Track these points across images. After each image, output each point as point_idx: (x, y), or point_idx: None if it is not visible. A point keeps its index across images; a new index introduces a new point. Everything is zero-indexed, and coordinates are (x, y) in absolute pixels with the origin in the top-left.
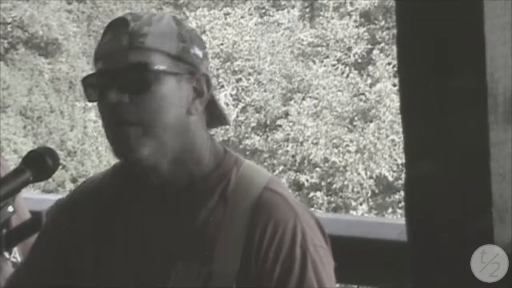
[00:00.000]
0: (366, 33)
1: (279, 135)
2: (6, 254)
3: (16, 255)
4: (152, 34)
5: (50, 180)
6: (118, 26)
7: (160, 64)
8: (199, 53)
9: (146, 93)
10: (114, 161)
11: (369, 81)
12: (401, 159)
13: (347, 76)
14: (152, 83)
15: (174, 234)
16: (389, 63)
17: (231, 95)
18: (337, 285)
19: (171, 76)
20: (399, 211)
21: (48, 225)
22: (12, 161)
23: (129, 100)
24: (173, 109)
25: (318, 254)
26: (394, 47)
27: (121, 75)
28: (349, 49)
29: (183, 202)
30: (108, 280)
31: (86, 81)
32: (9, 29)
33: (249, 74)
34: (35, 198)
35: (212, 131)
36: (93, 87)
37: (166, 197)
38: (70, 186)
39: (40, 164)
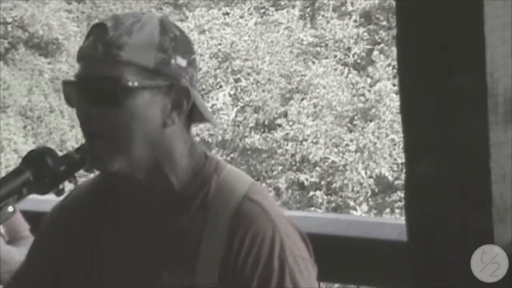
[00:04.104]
0: (366, 34)
1: (278, 134)
2: None
3: (0, 230)
4: (129, 46)
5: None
6: (98, 33)
7: (133, 79)
8: (182, 62)
9: (115, 108)
10: None
11: (368, 81)
12: (401, 159)
13: (347, 76)
14: (122, 98)
15: (159, 244)
16: (388, 64)
17: (230, 95)
18: (337, 285)
19: (144, 90)
20: (398, 211)
21: (43, 230)
22: (12, 161)
23: (97, 113)
24: (145, 124)
25: (297, 265)
26: (394, 48)
27: (92, 86)
28: (349, 49)
29: (165, 211)
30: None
31: (65, 85)
32: (9, 29)
33: (248, 74)
34: (35, 198)
35: (211, 131)
36: (69, 92)
37: (149, 206)
38: (70, 186)
39: (40, 164)
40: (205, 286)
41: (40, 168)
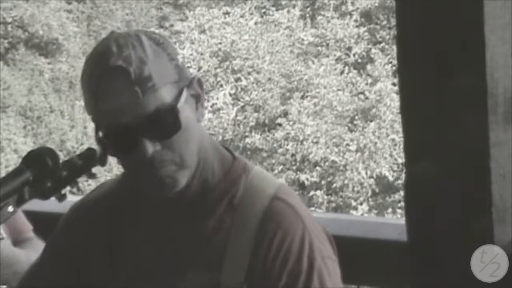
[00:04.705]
0: (366, 33)
1: (279, 134)
2: None
3: (0, 231)
4: (155, 74)
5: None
6: (116, 76)
7: (173, 98)
8: (180, 58)
9: (177, 131)
10: (113, 161)
11: (369, 80)
12: (401, 159)
13: (347, 76)
14: (181, 121)
15: (185, 243)
16: (389, 63)
17: (230, 95)
18: None
19: (182, 101)
20: (399, 211)
21: (61, 228)
22: (12, 161)
23: (161, 147)
24: (193, 129)
25: (325, 265)
26: (395, 47)
27: (146, 126)
28: (349, 48)
29: (193, 210)
30: (118, 287)
31: (104, 140)
32: (9, 29)
33: (248, 73)
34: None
35: (211, 131)
36: (115, 143)
37: (177, 206)
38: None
39: (40, 164)
40: (230, 285)
41: (40, 168)
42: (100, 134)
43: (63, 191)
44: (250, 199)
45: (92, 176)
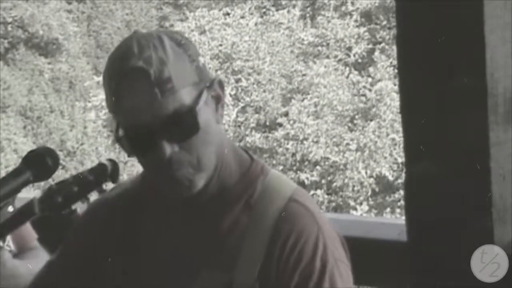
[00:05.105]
0: (366, 33)
1: (279, 133)
2: (0, 242)
3: (9, 243)
4: (174, 75)
5: (50, 180)
6: (136, 77)
7: (193, 99)
8: (202, 59)
9: (196, 133)
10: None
11: (369, 80)
12: (401, 158)
13: (348, 76)
14: (199, 123)
15: (200, 242)
16: (389, 63)
17: (231, 95)
18: None
19: (202, 103)
20: (398, 210)
21: (79, 224)
22: (12, 161)
23: (179, 148)
24: (212, 131)
25: (337, 268)
26: (395, 47)
27: (164, 127)
28: (350, 49)
29: (209, 210)
30: (133, 285)
31: (124, 140)
32: (9, 29)
33: (249, 74)
34: None
35: None
36: (133, 143)
37: (193, 206)
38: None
39: (40, 164)
40: (243, 283)
41: (40, 168)
42: (120, 133)
43: (73, 207)
44: (266, 200)
45: (103, 192)
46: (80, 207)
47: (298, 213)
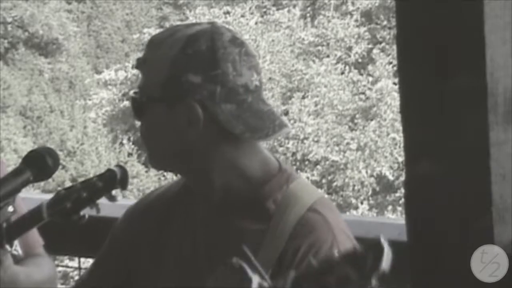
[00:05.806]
0: (367, 33)
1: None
2: (7, 247)
3: (17, 248)
4: (149, 61)
5: (50, 180)
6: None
7: (148, 92)
8: (195, 78)
9: (142, 119)
10: (113, 161)
11: (370, 79)
12: (401, 158)
13: (348, 75)
14: (143, 109)
15: (219, 242)
16: (389, 63)
17: None
18: None
19: (155, 104)
20: (399, 209)
21: (115, 229)
22: (12, 161)
23: (139, 121)
24: (164, 135)
25: None
26: (395, 47)
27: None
28: (350, 48)
29: (230, 213)
30: (161, 284)
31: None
32: (9, 28)
33: None
34: (35, 198)
35: None
36: None
37: (218, 208)
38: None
39: (40, 164)
40: None
41: (40, 168)
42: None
43: (82, 213)
44: (287, 207)
45: (112, 198)
46: (88, 213)
47: (314, 223)
